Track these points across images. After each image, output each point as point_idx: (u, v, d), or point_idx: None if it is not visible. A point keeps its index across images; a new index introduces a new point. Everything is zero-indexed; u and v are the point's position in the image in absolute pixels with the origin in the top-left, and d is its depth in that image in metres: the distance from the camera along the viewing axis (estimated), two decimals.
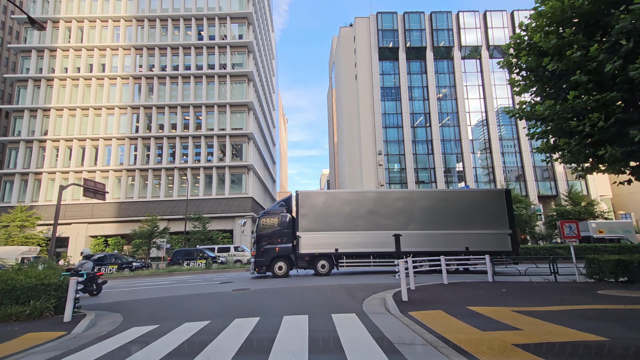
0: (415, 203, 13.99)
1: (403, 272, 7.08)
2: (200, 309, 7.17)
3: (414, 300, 6.95)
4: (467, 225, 13.45)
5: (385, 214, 13.71)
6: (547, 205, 38.24)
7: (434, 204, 13.90)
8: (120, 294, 10.62)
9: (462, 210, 13.67)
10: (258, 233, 13.96)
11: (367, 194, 14.64)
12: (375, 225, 13.54)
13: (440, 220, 13.58)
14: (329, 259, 13.64)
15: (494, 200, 13.97)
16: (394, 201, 14.01)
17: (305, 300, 7.66)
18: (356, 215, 13.66)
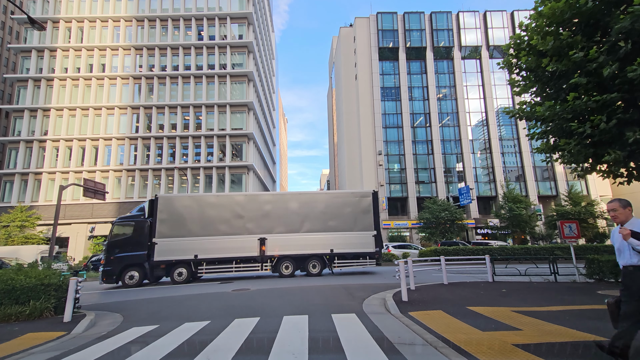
0: (283, 206, 13.79)
1: (403, 272, 7.07)
2: (200, 309, 7.17)
3: (414, 300, 6.95)
4: (333, 227, 13.53)
5: (251, 218, 13.38)
6: (547, 205, 38.25)
7: (301, 206, 13.75)
8: (120, 294, 10.62)
9: (328, 213, 13.70)
10: (110, 241, 13.04)
11: (234, 198, 14.10)
12: (240, 230, 13.18)
13: (307, 222, 13.53)
14: (187, 266, 12.95)
15: (360, 202, 14.01)
16: (261, 204, 13.70)
17: (305, 300, 7.66)
18: (221, 219, 13.21)
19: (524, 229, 31.35)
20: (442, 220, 31.57)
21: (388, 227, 37.59)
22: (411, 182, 38.81)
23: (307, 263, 13.66)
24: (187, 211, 13.16)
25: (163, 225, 12.87)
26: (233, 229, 13.17)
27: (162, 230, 12.83)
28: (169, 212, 13.04)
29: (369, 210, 13.93)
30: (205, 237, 12.97)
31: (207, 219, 13.16)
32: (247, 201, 13.82)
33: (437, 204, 32.71)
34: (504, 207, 32.00)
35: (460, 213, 31.90)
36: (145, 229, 12.94)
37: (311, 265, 13.70)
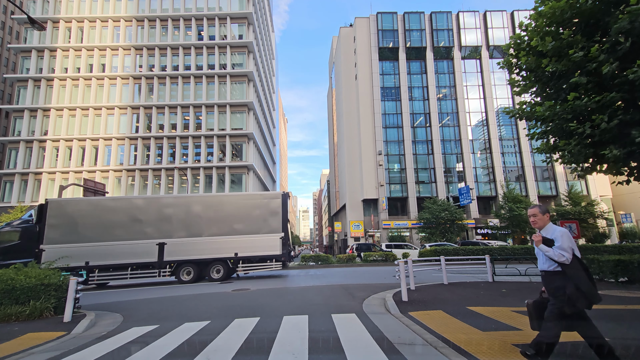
0: (185, 209, 13.20)
1: (403, 272, 7.07)
2: (200, 309, 7.17)
3: (414, 300, 6.95)
4: (239, 230, 13.10)
5: (150, 222, 12.80)
6: (547, 205, 38.24)
7: (206, 209, 13.27)
8: (120, 294, 10.62)
9: (235, 215, 13.28)
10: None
11: (133, 201, 13.45)
12: (138, 235, 12.60)
13: (212, 226, 13.06)
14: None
15: (269, 204, 13.72)
16: (161, 208, 13.12)
17: (305, 300, 7.66)
18: (117, 224, 12.61)
19: (524, 229, 31.35)
20: (442, 220, 31.58)
21: (388, 227, 37.60)
22: (411, 182, 38.82)
23: (210, 268, 13.23)
24: (80, 216, 12.56)
25: (53, 230, 12.21)
26: (130, 233, 12.60)
27: (52, 236, 12.14)
28: (60, 217, 12.40)
29: (277, 212, 13.61)
30: (99, 243, 12.33)
31: (103, 224, 12.55)
32: (146, 205, 13.21)
33: (437, 204, 32.72)
34: (504, 207, 32.02)
35: (460, 213, 31.91)
36: (32, 235, 12.20)
37: (215, 270, 13.27)
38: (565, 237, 3.16)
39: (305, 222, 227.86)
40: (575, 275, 3.09)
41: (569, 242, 3.14)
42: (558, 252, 3.12)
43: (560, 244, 3.15)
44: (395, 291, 7.96)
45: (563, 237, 3.17)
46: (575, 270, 3.10)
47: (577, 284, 3.06)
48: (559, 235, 3.19)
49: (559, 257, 3.12)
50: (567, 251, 3.11)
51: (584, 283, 3.05)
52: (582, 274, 3.08)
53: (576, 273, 3.09)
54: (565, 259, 3.10)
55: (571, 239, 3.18)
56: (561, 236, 3.18)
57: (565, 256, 3.10)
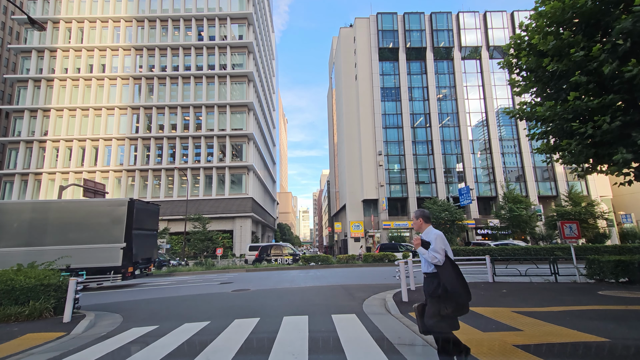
0: (9, 217, 12.00)
1: (403, 273, 7.06)
2: (200, 309, 7.16)
3: (415, 300, 6.93)
4: (73, 240, 11.90)
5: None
6: (547, 205, 38.22)
7: (36, 217, 12.15)
8: (120, 294, 10.61)
9: (72, 223, 12.14)
10: None
11: None
12: None
13: (43, 235, 11.88)
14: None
15: (113, 211, 12.46)
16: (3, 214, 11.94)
17: (305, 301, 7.65)
18: None
19: (524, 230, 31.32)
20: (442, 220, 31.54)
21: (388, 228, 37.56)
22: (411, 183, 38.80)
23: None
24: None
25: None
26: None
27: None
28: None
29: (121, 220, 12.30)
30: None
31: None
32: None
33: (437, 204, 32.69)
34: (504, 207, 31.98)
35: (460, 213, 31.88)
36: None
37: None
38: (439, 240, 3.24)
39: (305, 222, 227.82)
40: (444, 276, 3.15)
41: (442, 244, 3.21)
42: (431, 254, 3.19)
43: (433, 246, 3.23)
44: (396, 292, 7.94)
45: (437, 239, 3.24)
46: (445, 271, 3.16)
47: (445, 284, 3.13)
48: (433, 238, 3.26)
49: (432, 259, 3.19)
50: (439, 253, 3.18)
51: (450, 283, 3.11)
52: (452, 275, 3.13)
53: (446, 274, 3.15)
54: (438, 261, 3.17)
55: (444, 241, 3.26)
56: (435, 239, 3.25)
57: (438, 258, 3.17)
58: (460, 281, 3.14)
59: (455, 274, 3.15)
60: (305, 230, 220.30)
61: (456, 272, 3.17)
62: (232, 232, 34.61)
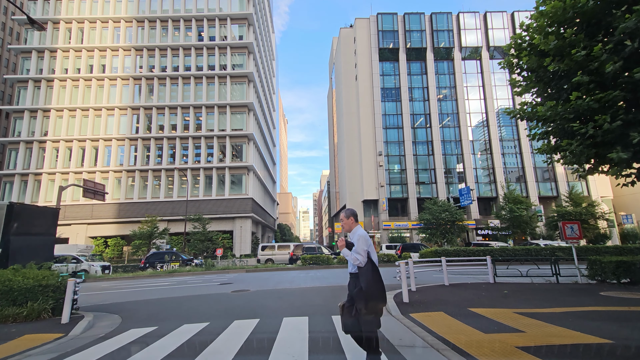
0: None
1: (404, 273, 7.02)
2: (199, 310, 7.12)
3: (415, 301, 6.90)
4: None
5: None
6: (547, 206, 38.19)
7: None
8: (120, 295, 10.56)
9: None
10: None
11: None
12: None
13: None
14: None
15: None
16: None
17: (306, 302, 7.60)
18: None
19: (525, 230, 31.27)
20: (443, 221, 31.48)
21: (388, 228, 37.53)
22: (411, 183, 38.77)
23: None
24: None
25: None
26: None
27: None
28: None
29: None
30: None
31: None
32: None
33: (438, 204, 32.63)
34: (505, 208, 31.93)
35: (460, 214, 31.82)
36: None
37: None
38: (362, 241, 3.19)
39: (306, 222, 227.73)
40: (363, 277, 3.14)
41: (365, 246, 3.18)
42: (353, 256, 3.17)
43: (356, 247, 3.19)
44: (396, 292, 7.90)
45: (360, 240, 3.20)
46: (365, 272, 3.14)
47: (361, 284, 3.12)
48: (357, 239, 3.22)
49: (354, 260, 3.16)
50: (361, 254, 3.15)
51: (366, 284, 3.09)
52: (370, 277, 3.12)
53: (365, 275, 3.14)
54: (359, 262, 3.14)
55: (368, 242, 3.21)
56: (358, 239, 3.21)
57: (359, 259, 3.14)
58: (377, 284, 3.14)
59: (374, 276, 3.14)
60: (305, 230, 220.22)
61: (375, 275, 3.16)
62: (232, 232, 34.56)
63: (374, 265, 3.21)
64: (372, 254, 3.23)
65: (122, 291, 11.77)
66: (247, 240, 34.00)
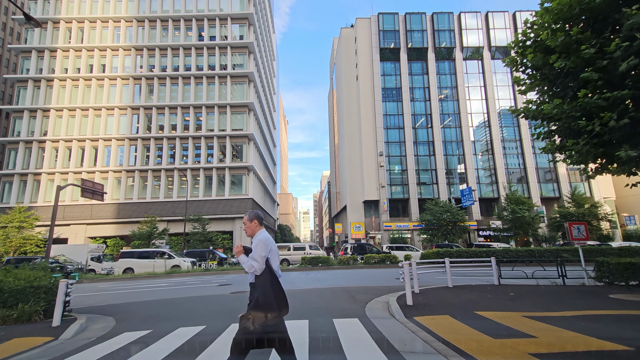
0: None
1: (407, 274, 6.80)
2: (196, 312, 6.91)
3: (419, 304, 6.68)
4: None
5: None
6: (549, 207, 37.91)
7: None
8: (117, 296, 10.36)
9: None
10: None
11: None
12: None
13: None
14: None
15: None
16: None
17: (306, 304, 7.39)
18: None
19: (527, 231, 31.00)
20: (444, 222, 31.24)
21: (389, 229, 37.29)
22: (412, 184, 38.53)
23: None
24: None
25: None
26: None
27: None
28: None
29: None
30: None
31: None
32: None
33: (439, 205, 32.39)
34: (507, 209, 31.67)
35: (462, 215, 31.57)
36: None
37: None
38: (260, 246, 2.86)
39: (306, 223, 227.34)
40: (259, 286, 2.82)
41: (263, 251, 2.85)
42: (249, 263, 2.84)
43: (252, 254, 2.87)
44: (399, 294, 7.68)
45: (258, 245, 2.87)
46: (262, 281, 2.83)
47: (258, 296, 2.79)
48: (255, 244, 2.89)
49: (249, 267, 2.84)
50: (257, 261, 2.82)
51: (263, 295, 2.77)
52: (267, 286, 2.80)
53: (262, 284, 2.82)
54: (255, 269, 2.82)
55: (267, 247, 2.88)
56: (256, 244, 2.88)
57: (255, 266, 2.81)
58: (276, 295, 2.81)
59: (273, 287, 2.82)
60: (305, 231, 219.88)
61: (274, 285, 2.84)
62: (232, 233, 34.34)
63: (272, 274, 2.88)
64: (272, 261, 2.92)
65: (120, 292, 11.56)
66: (247, 240, 33.76)
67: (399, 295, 7.48)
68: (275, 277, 2.91)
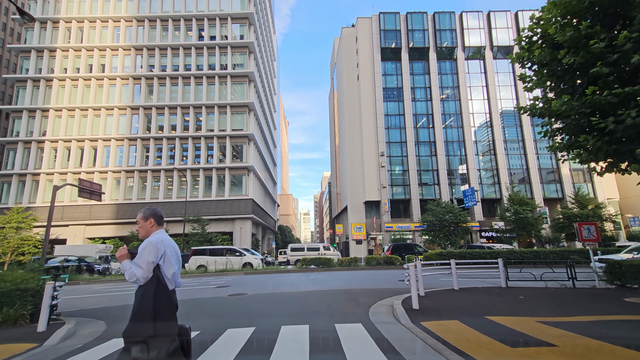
0: None
1: (413, 276, 6.48)
2: (191, 316, 6.60)
3: (426, 308, 6.35)
4: None
5: None
6: (552, 208, 37.52)
7: None
8: (111, 299, 10.06)
9: None
10: None
11: None
12: None
13: None
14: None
15: None
16: None
17: (306, 307, 7.08)
18: None
19: (530, 232, 30.61)
20: (446, 222, 30.88)
21: (390, 230, 36.95)
22: (414, 184, 38.19)
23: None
24: None
25: None
26: None
27: None
28: None
29: None
30: None
31: None
32: None
33: (441, 206, 32.03)
34: (510, 209, 31.30)
35: (464, 215, 31.19)
36: None
37: None
38: (148, 250, 2.44)
39: (306, 224, 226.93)
40: (138, 299, 2.42)
41: (151, 256, 2.42)
42: (131, 270, 2.41)
43: (137, 259, 2.44)
44: (404, 297, 7.36)
45: (145, 249, 2.45)
46: (144, 293, 2.41)
47: (133, 310, 2.40)
48: (142, 247, 2.48)
49: (130, 276, 2.41)
50: (141, 268, 2.40)
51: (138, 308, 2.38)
52: (147, 299, 2.38)
53: (142, 297, 2.41)
54: (137, 278, 2.40)
55: (157, 252, 2.45)
56: (143, 248, 2.46)
57: (137, 274, 2.39)
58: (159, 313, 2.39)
59: (155, 299, 2.39)
60: (306, 232, 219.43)
61: (158, 297, 2.40)
62: (231, 234, 34.02)
63: (160, 285, 2.42)
64: (165, 268, 2.47)
65: (114, 294, 11.26)
66: (247, 241, 33.45)
67: (403, 299, 7.16)
68: (164, 288, 2.45)
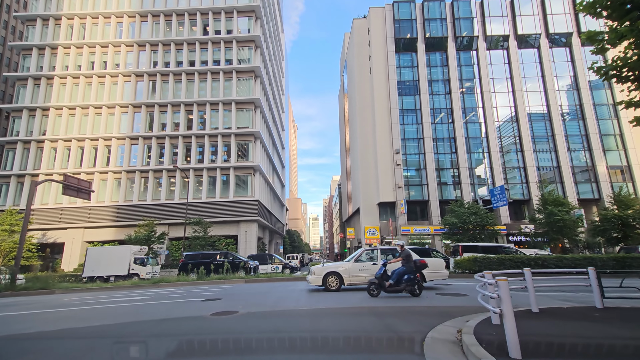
0: None
1: (506, 297, 3.85)
2: (151, 350, 4.19)
3: (522, 347, 3.73)
4: None
5: None
6: (587, 209, 33.97)
7: None
8: (61, 318, 7.71)
9: None
10: None
11: None
12: None
13: None
14: None
15: None
16: None
17: (317, 338, 4.56)
18: None
19: (568, 236, 27.24)
20: (471, 225, 27.88)
21: (407, 233, 34.05)
22: (432, 184, 35.28)
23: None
24: None
25: None
26: None
27: None
28: None
29: None
30: None
31: None
32: None
33: (465, 207, 29.06)
34: (542, 211, 28.04)
35: (491, 217, 28.16)
36: None
37: None
38: None
39: (315, 229, 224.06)
40: None
41: None
42: None
43: None
44: (468, 323, 4.74)
45: None
46: None
47: None
48: None
49: None
50: None
51: None
52: None
53: None
54: None
55: None
56: None
57: None
58: None
59: None
60: (315, 237, 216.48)
61: None
62: (236, 237, 31.79)
63: None
64: None
65: (72, 309, 8.92)
66: (253, 245, 31.12)
67: (475, 326, 4.54)
68: None
